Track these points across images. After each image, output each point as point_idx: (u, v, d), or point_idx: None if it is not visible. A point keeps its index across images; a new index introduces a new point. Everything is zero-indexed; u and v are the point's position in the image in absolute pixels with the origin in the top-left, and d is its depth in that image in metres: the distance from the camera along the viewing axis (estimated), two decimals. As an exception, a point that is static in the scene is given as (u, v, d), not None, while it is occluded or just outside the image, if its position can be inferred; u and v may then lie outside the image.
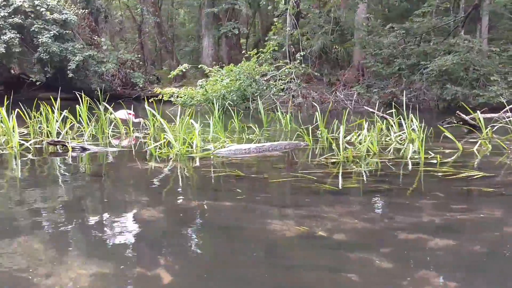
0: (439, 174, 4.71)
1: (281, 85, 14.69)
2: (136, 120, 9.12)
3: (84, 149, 6.42)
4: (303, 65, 16.23)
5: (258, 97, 12.52)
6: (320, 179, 4.58)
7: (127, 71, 22.06)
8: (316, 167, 5.17)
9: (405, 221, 3.46)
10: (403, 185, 4.50)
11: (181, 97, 13.72)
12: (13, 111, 6.86)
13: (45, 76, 21.72)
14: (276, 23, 19.46)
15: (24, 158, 6.03)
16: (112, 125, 8.11)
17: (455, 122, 9.91)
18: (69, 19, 20.11)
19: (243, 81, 13.52)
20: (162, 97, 14.78)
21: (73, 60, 19.87)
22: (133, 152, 6.51)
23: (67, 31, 20.36)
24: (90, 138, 7.46)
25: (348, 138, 6.80)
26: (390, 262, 2.72)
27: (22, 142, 6.58)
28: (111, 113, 8.29)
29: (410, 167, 5.21)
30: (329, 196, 4.08)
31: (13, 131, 6.58)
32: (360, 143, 6.13)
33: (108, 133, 7.68)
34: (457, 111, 8.91)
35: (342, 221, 3.47)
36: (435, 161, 5.32)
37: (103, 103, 8.08)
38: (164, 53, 27.15)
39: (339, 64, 21.43)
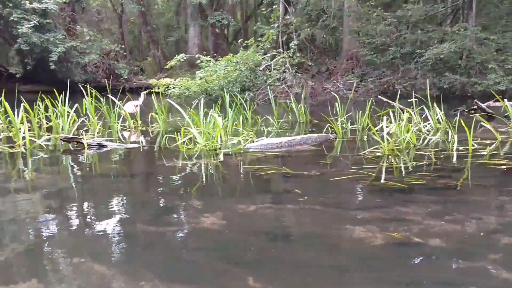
0: (501, 166, 4.47)
1: (276, 75, 14.33)
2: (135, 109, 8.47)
3: (101, 146, 5.96)
4: (298, 55, 15.90)
5: (268, 87, 12.13)
6: (378, 175, 4.28)
7: (111, 62, 21.32)
8: (365, 162, 4.87)
9: (497, 222, 3.19)
10: (468, 180, 4.23)
11: (179, 89, 13.20)
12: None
13: (25, 68, 20.81)
14: (269, 12, 18.99)
15: (36, 157, 5.55)
16: (121, 119, 7.63)
17: (467, 110, 9.79)
18: (49, 8, 19.24)
19: (243, 72, 13.10)
20: (152, 88, 14.20)
21: (55, 51, 19.06)
22: (156, 148, 6.09)
23: (48, 21, 19.49)
24: (100, 134, 6.98)
25: (378, 129, 6.52)
26: (509, 271, 2.43)
27: (33, 139, 6.07)
28: (119, 107, 7.81)
29: (462, 159, 4.95)
30: (399, 195, 3.78)
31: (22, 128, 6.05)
32: (391, 135, 5.86)
33: (117, 127, 7.21)
34: (475, 100, 8.74)
35: (428, 223, 3.17)
36: (484, 153, 5.08)
37: (111, 96, 7.60)
38: (145, 44, 26.42)
39: (326, 53, 21.20)
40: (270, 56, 15.04)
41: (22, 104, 6.55)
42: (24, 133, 6.03)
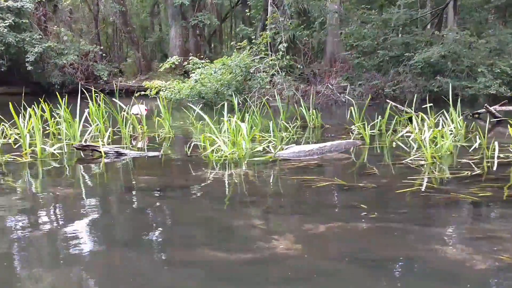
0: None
1: (266, 77, 14.04)
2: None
3: (119, 155, 5.55)
4: (287, 57, 15.66)
5: (260, 90, 11.85)
6: (440, 186, 4.07)
7: (90, 63, 20.58)
8: (410, 170, 4.66)
9: None
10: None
11: (171, 92, 12.73)
12: None
13: (-1, 69, 19.84)
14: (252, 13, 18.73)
15: (50, 167, 5.10)
16: (129, 124, 7.18)
17: (471, 114, 9.78)
18: (25, 7, 18.40)
19: (238, 74, 12.77)
20: (146, 91, 13.65)
21: (31, 51, 18.22)
22: (180, 157, 5.73)
23: (23, 20, 18.62)
24: (110, 141, 6.54)
25: (403, 134, 6.37)
26: None
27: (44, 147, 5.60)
28: (125, 110, 7.37)
29: (505, 167, 4.81)
30: (474, 208, 3.57)
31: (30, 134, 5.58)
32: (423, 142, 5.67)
33: (127, 133, 6.77)
34: (485, 104, 8.71)
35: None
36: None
37: (117, 99, 7.17)
38: (123, 45, 25.71)
39: (310, 56, 21.08)
40: (259, 58, 14.71)
41: (28, 109, 6.06)
42: (27, 140, 5.57)
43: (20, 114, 6.14)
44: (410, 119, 8.22)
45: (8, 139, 6.56)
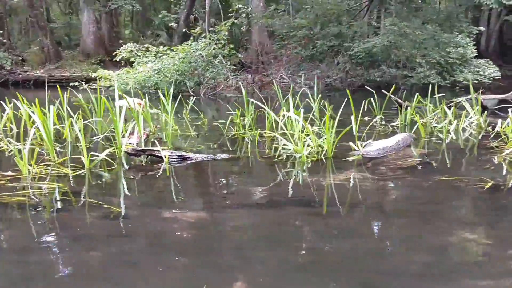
0: None
1: (221, 68, 13.27)
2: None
3: (184, 159, 4.64)
4: (231, 46, 14.97)
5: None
6: None
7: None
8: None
9: None
10: None
11: (121, 82, 11.36)
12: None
13: None
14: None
15: (98, 181, 4.09)
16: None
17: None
18: None
19: (199, 65, 11.82)
20: (97, 81, 12.03)
21: None
22: (253, 158, 4.97)
23: None
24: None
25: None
26: None
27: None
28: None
29: None
30: None
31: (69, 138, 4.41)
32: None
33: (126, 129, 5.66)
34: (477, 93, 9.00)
35: None
36: None
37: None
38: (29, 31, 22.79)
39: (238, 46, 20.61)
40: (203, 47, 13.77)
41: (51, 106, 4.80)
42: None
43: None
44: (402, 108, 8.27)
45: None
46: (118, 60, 13.44)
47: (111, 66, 18.88)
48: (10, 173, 4.05)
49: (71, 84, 13.67)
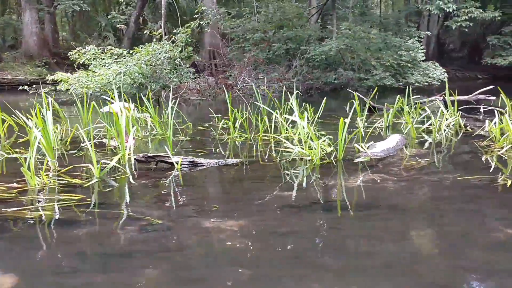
0: None
1: (187, 71, 13.01)
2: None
3: (195, 165, 4.46)
4: (190, 48, 14.72)
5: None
6: None
7: None
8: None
9: None
10: None
11: (80, 86, 10.79)
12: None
13: None
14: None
15: (106, 189, 3.86)
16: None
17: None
18: None
19: (165, 67, 11.48)
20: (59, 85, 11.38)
21: None
22: (262, 162, 4.85)
23: None
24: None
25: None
26: None
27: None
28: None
29: None
30: None
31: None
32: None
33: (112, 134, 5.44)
34: (441, 94, 9.38)
35: None
36: None
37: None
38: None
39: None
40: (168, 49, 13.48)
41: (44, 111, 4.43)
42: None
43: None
44: (369, 110, 8.49)
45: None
46: (74, 62, 12.83)
47: (57, 69, 18.03)
48: (15, 185, 3.70)
49: (20, 88, 12.98)
